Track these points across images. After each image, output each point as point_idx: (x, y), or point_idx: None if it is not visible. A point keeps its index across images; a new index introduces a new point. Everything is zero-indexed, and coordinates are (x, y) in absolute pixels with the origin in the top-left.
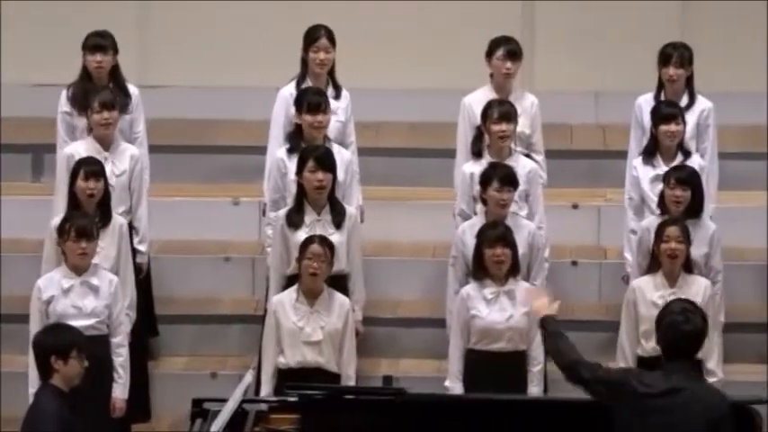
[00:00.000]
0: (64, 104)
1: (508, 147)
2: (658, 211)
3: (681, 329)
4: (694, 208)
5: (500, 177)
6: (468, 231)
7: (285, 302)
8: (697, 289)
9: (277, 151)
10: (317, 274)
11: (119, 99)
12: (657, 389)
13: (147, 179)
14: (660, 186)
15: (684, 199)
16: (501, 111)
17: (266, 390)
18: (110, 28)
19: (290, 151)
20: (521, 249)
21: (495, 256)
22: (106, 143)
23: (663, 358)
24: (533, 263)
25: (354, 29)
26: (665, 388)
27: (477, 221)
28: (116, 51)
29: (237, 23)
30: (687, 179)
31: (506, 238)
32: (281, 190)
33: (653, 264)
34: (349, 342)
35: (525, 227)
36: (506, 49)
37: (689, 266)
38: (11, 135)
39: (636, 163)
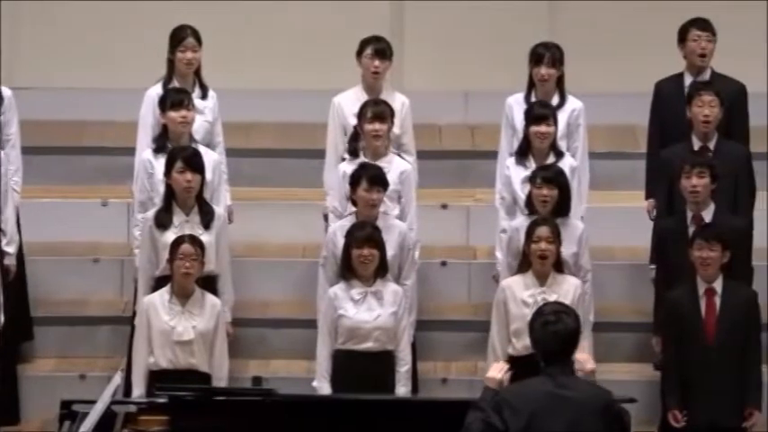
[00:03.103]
0: None
1: (383, 146)
2: (527, 211)
3: (551, 330)
4: (562, 207)
5: (369, 177)
6: (338, 232)
7: (157, 303)
8: (567, 288)
9: (144, 152)
10: (190, 274)
11: None
12: (541, 392)
13: (18, 181)
14: None
15: (551, 198)
16: (375, 110)
17: (138, 391)
18: None
19: (157, 152)
20: (392, 250)
21: (362, 256)
22: None
23: (540, 362)
24: (404, 263)
25: (224, 30)
26: (546, 390)
27: (348, 222)
28: None
29: (105, 25)
30: (553, 178)
31: (374, 239)
32: (149, 191)
33: (523, 263)
34: (220, 343)
35: (396, 227)
36: (375, 47)
37: (559, 266)
38: None
39: (509, 163)
